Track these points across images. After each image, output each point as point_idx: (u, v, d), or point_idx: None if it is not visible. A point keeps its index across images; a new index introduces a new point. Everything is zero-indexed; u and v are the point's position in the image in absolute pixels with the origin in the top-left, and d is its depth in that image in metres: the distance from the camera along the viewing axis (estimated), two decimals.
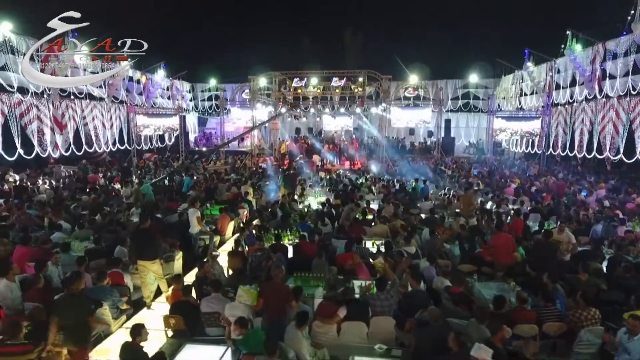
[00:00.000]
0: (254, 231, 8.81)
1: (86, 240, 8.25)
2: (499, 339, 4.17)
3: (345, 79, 21.44)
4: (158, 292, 7.07)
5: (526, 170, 20.67)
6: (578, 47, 18.91)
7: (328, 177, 18.25)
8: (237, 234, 8.49)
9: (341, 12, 32.38)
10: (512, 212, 11.15)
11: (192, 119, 32.03)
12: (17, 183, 14.88)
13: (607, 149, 17.97)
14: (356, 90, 23.00)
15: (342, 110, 24.79)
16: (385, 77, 21.67)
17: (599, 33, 18.09)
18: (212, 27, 31.24)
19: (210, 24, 31.46)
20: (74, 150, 20.02)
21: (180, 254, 7.90)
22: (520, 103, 26.00)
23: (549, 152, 22.33)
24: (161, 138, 27.64)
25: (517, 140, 24.50)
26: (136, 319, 6.36)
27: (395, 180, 15.76)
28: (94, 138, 21.31)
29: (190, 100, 32.09)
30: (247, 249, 7.93)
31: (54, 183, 15.00)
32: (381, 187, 14.38)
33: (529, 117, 22.24)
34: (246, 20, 31.66)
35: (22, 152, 17.03)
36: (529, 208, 11.53)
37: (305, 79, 21.46)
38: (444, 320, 4.79)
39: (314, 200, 13.08)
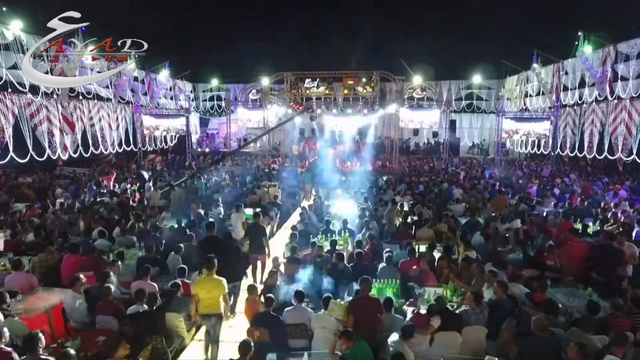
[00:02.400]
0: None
1: (132, 247, 7.98)
2: (623, 351, 4.08)
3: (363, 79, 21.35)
4: None
5: (537, 171, 20.76)
6: (588, 49, 19.05)
7: (344, 177, 18.12)
8: (289, 240, 8.27)
9: (344, 12, 32.29)
10: (546, 213, 11.22)
11: (193, 120, 31.56)
12: (36, 185, 14.46)
13: (620, 150, 18.20)
14: (364, 91, 22.95)
15: (350, 111, 24.73)
16: (398, 78, 21.63)
17: (609, 35, 18.34)
18: (214, 26, 30.83)
19: (212, 23, 31.02)
20: (82, 152, 19.56)
21: None
22: (525, 104, 26.23)
23: (556, 153, 22.56)
24: (164, 139, 27.16)
25: (522, 141, 24.71)
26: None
27: (417, 183, 15.68)
28: (100, 139, 20.85)
29: (192, 101, 31.65)
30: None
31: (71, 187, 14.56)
32: (406, 189, 14.26)
33: (538, 118, 22.37)
34: (248, 20, 31.27)
35: (33, 154, 16.58)
36: (560, 210, 11.55)
37: (318, 79, 21.30)
38: (550, 331, 4.69)
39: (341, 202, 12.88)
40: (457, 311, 5.43)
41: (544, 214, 11.33)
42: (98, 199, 12.28)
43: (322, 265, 6.94)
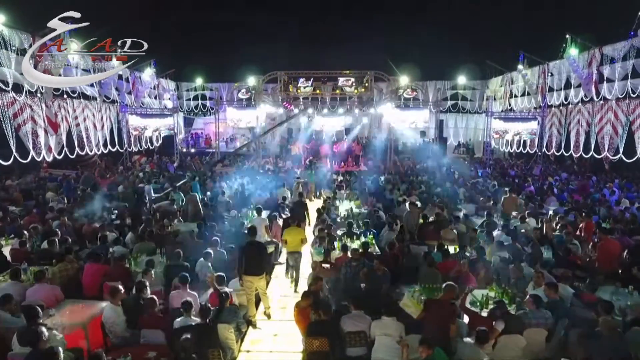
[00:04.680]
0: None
1: (153, 254, 7.57)
2: None
3: (352, 79, 21.27)
4: None
5: (527, 170, 21.21)
6: (573, 51, 19.58)
7: (341, 178, 18.00)
8: (317, 243, 8.06)
9: (331, 12, 32.19)
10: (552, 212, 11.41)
11: (177, 120, 30.75)
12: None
13: (606, 149, 18.82)
14: (356, 91, 22.92)
15: (341, 110, 24.65)
16: (392, 78, 21.66)
17: (595, 37, 18.93)
18: (199, 25, 30.13)
19: (197, 21, 30.31)
20: (67, 153, 18.65)
21: None
22: (510, 104, 26.80)
23: (542, 152, 23.13)
24: (149, 139, 26.30)
25: (509, 140, 25.20)
26: (250, 340, 5.90)
27: (418, 182, 15.71)
28: (85, 140, 19.95)
29: (176, 100, 30.82)
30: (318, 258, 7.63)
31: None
32: (411, 189, 14.25)
33: (527, 118, 22.84)
34: (235, 19, 30.70)
35: (17, 155, 15.66)
36: (565, 208, 11.75)
37: (312, 79, 21.10)
38: (618, 331, 4.68)
39: (350, 203, 12.72)
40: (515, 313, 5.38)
41: (549, 212, 11.56)
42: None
43: (357, 269, 6.79)
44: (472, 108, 30.53)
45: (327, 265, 6.77)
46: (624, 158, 18.05)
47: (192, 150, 29.26)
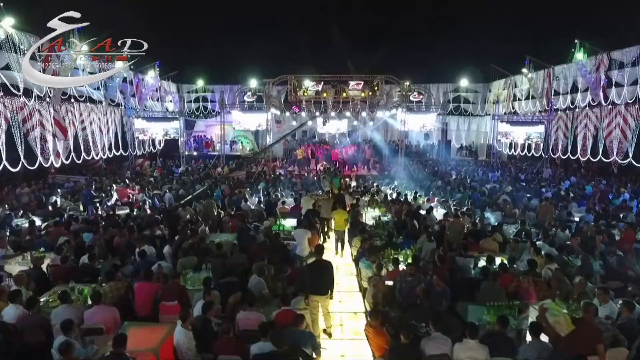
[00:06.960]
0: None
1: (199, 269, 7.33)
2: None
3: (362, 82, 21.16)
4: None
5: (536, 174, 21.34)
6: (579, 56, 19.73)
7: (355, 183, 17.91)
8: (365, 256, 7.90)
9: (329, 14, 32.01)
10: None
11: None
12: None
13: (615, 153, 19.00)
14: (363, 94, 22.83)
15: (348, 114, 24.53)
16: (402, 81, 21.61)
17: (601, 43, 19.11)
18: (200, 26, 29.74)
19: (199, 22, 29.93)
20: (74, 158, 18.21)
21: None
22: (513, 107, 26.96)
23: (547, 156, 23.32)
24: (152, 143, 25.88)
25: (516, 144, 25.36)
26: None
27: (436, 188, 15.68)
28: (91, 144, 19.51)
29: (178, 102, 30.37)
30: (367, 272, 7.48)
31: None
32: (430, 197, 14.21)
33: (533, 122, 22.97)
34: (236, 19, 30.40)
35: (25, 162, 15.21)
36: (593, 216, 11.79)
37: (323, 82, 20.94)
38: None
39: (374, 211, 12.60)
40: None
41: (575, 219, 11.59)
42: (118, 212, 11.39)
43: (413, 285, 6.67)
44: (475, 111, 30.71)
45: (390, 282, 6.63)
46: (634, 162, 18.23)
47: (195, 153, 28.89)
